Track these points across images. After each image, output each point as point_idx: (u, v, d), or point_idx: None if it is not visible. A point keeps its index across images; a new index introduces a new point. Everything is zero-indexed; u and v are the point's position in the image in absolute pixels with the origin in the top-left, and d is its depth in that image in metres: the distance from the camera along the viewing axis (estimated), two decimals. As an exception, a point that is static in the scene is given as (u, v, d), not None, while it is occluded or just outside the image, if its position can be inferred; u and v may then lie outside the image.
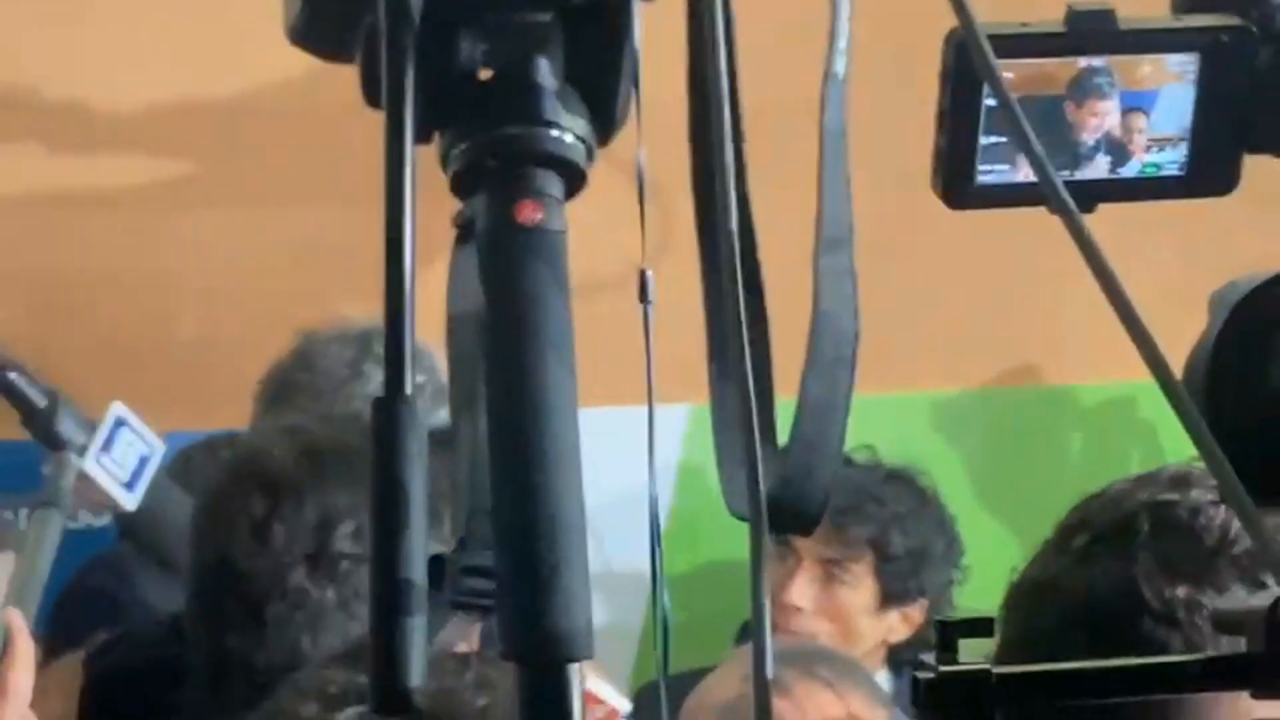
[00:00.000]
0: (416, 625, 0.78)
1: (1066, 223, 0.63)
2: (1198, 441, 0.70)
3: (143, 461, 1.84)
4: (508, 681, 0.81)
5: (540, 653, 0.80)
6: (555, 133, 0.85)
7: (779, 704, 1.91)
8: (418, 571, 0.78)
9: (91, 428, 1.77)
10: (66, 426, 1.78)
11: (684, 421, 3.24)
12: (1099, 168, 0.79)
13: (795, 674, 1.95)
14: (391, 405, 0.79)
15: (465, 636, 1.91)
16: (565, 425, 0.83)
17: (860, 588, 2.88)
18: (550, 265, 0.84)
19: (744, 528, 2.87)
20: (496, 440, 0.82)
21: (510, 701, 0.81)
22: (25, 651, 1.42)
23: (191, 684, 1.76)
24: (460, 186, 0.86)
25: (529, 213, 0.84)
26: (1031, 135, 0.60)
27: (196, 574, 1.82)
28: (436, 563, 0.87)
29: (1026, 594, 1.21)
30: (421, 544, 0.79)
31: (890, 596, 2.89)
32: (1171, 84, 0.79)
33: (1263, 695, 0.75)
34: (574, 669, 0.81)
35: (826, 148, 0.86)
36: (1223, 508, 1.14)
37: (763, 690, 0.66)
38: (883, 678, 2.83)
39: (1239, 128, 0.79)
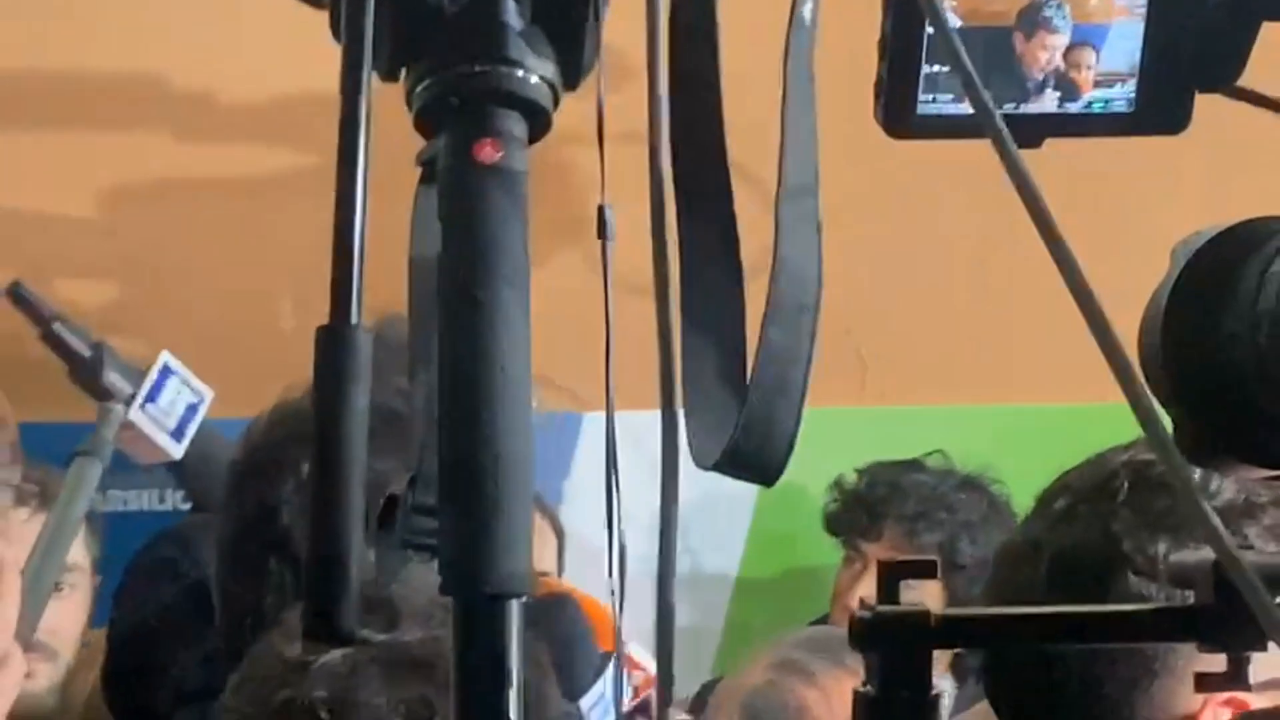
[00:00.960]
0: (353, 549, 0.78)
1: (1002, 157, 0.62)
2: (1132, 398, 0.69)
3: (191, 410, 1.82)
4: None
5: (477, 587, 0.79)
6: (520, 73, 0.85)
7: (807, 693, 1.89)
8: (356, 497, 0.78)
9: (140, 378, 1.77)
10: (112, 377, 1.78)
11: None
12: (1047, 102, 0.77)
13: (823, 663, 1.94)
14: (336, 330, 0.79)
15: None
16: (516, 362, 0.82)
17: (926, 594, 2.85)
18: (509, 204, 0.84)
19: (822, 536, 2.89)
20: (445, 374, 0.82)
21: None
22: (11, 585, 1.43)
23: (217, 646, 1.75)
24: (423, 124, 0.86)
25: (489, 151, 0.84)
26: (967, 63, 0.59)
27: (236, 529, 1.76)
28: (390, 502, 0.87)
29: (1009, 556, 1.20)
30: (361, 472, 0.79)
31: (956, 604, 2.86)
32: (1122, 19, 0.77)
33: (1209, 648, 0.74)
34: (513, 605, 0.80)
35: (791, 95, 0.85)
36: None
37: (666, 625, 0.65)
38: (947, 685, 2.80)
39: (1189, 65, 0.77)
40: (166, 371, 1.84)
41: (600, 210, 0.84)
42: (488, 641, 0.79)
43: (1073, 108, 0.78)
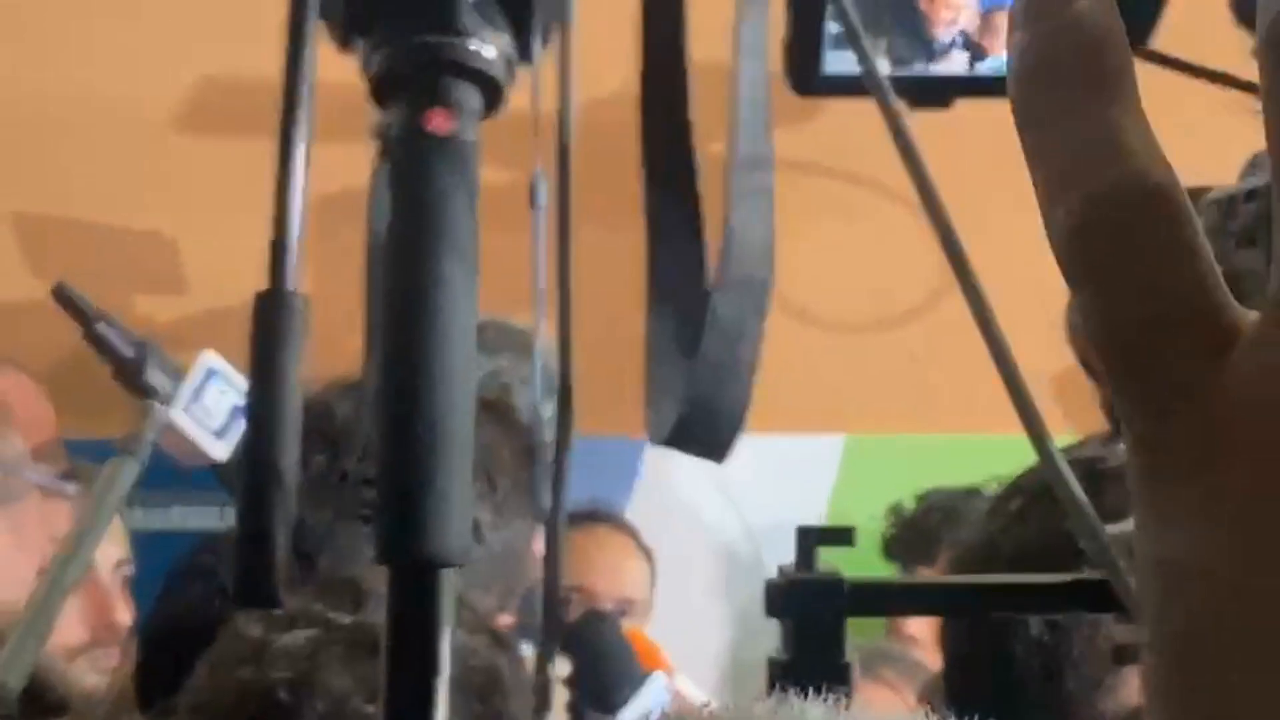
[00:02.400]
0: (281, 517, 0.77)
1: (886, 118, 0.61)
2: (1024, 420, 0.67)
3: (235, 412, 1.82)
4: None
5: (409, 554, 0.79)
6: (473, 44, 0.85)
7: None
8: (288, 464, 0.78)
9: (184, 378, 1.77)
10: (155, 376, 1.78)
11: (839, 451, 3.21)
12: (956, 63, 0.76)
13: (858, 674, 1.91)
14: (272, 297, 0.79)
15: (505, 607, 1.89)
16: (458, 332, 0.82)
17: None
18: (459, 174, 0.84)
19: (879, 561, 2.83)
20: (386, 343, 0.82)
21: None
22: None
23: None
24: (377, 94, 0.86)
25: (440, 121, 0.84)
26: (852, 15, 0.58)
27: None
28: (343, 477, 0.87)
29: (967, 558, 1.18)
30: (295, 438, 0.79)
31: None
32: (1036, -20, 0.74)
33: (1125, 619, 0.72)
34: (446, 575, 0.80)
35: (743, 65, 0.84)
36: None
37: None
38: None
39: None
40: (210, 373, 1.83)
41: (533, 179, 0.84)
42: (419, 610, 0.78)
43: (983, 69, 0.76)
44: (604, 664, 2.07)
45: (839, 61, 0.76)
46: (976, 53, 0.77)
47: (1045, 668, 1.08)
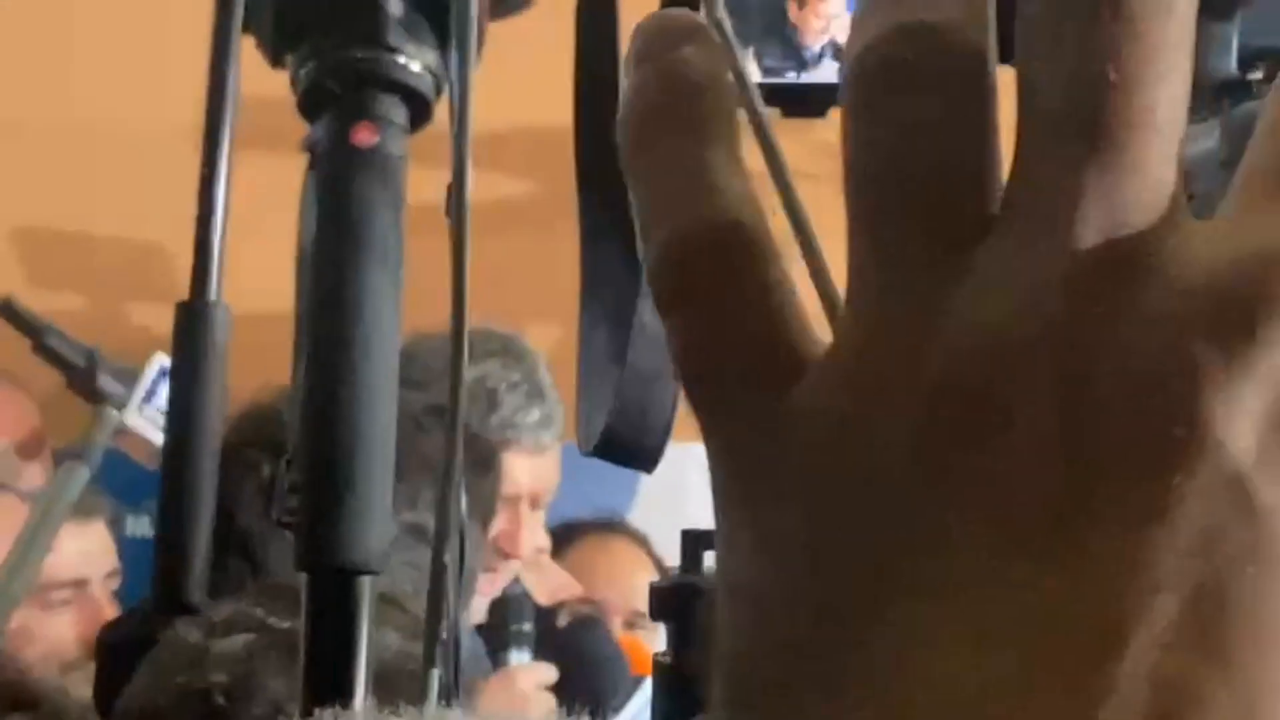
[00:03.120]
0: (198, 525, 0.79)
1: (753, 126, 0.61)
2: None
3: None
4: None
5: (328, 560, 0.80)
6: (400, 59, 0.86)
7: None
8: (207, 474, 0.79)
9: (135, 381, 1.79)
10: (106, 382, 1.80)
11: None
12: (827, 72, 0.75)
13: None
14: (193, 308, 0.80)
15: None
16: (382, 341, 0.83)
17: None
18: (385, 187, 0.85)
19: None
20: (310, 350, 0.83)
21: None
22: None
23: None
24: (306, 109, 0.87)
25: (365, 135, 0.85)
26: (722, 20, 0.58)
27: None
28: (271, 483, 0.88)
29: None
30: (213, 449, 0.80)
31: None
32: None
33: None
34: (365, 582, 0.81)
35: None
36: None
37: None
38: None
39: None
40: (163, 373, 1.84)
41: (449, 190, 0.85)
42: (336, 615, 0.80)
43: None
44: (594, 670, 2.08)
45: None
46: (849, 61, 0.77)
47: None
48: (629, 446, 0.88)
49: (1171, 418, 0.24)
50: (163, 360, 1.81)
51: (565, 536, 2.24)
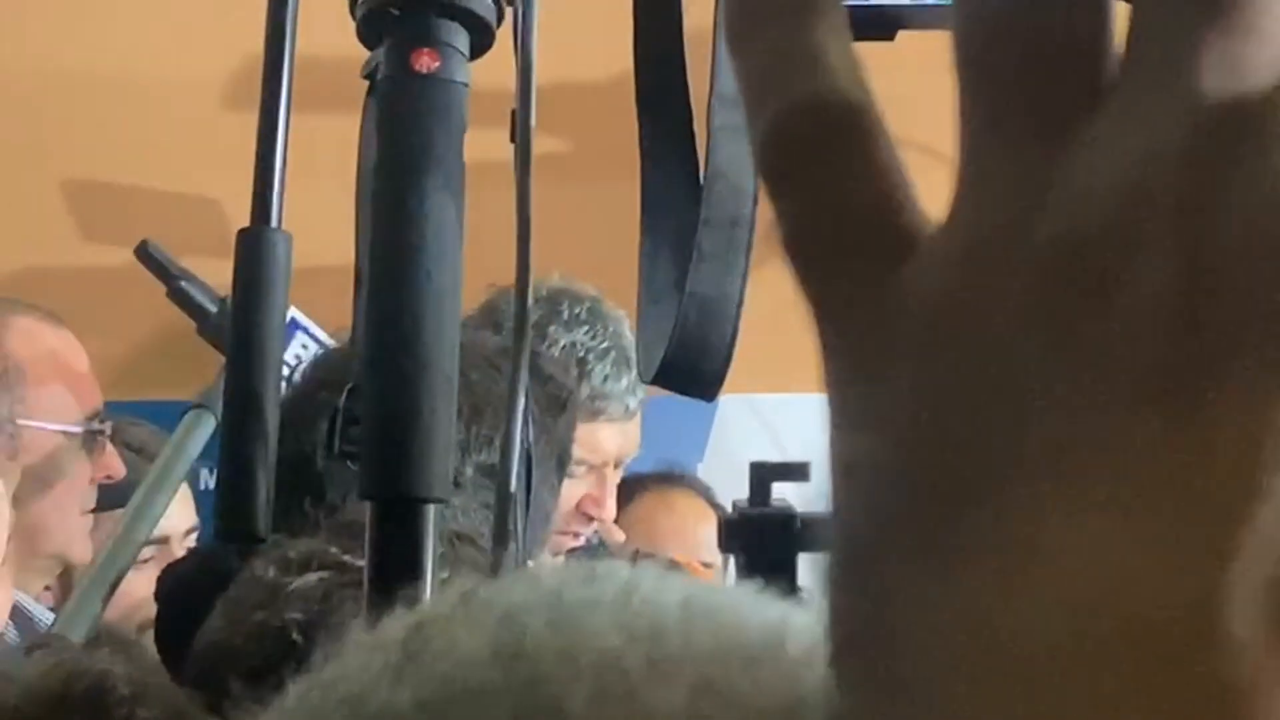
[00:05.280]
0: (263, 453, 0.78)
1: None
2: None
3: None
4: None
5: (393, 489, 0.79)
6: (461, -16, 0.85)
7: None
8: (271, 401, 0.79)
9: None
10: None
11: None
12: None
13: None
14: (255, 233, 0.80)
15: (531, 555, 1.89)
16: (443, 270, 0.82)
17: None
18: (445, 113, 0.84)
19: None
20: (372, 279, 0.82)
21: None
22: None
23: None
24: (366, 34, 0.86)
25: (426, 61, 0.84)
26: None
27: (275, 475, 1.72)
28: (334, 415, 0.88)
29: None
30: (277, 375, 0.79)
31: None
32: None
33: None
34: (429, 510, 0.80)
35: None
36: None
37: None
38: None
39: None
40: (294, 325, 1.83)
41: (513, 114, 0.84)
42: (401, 544, 0.79)
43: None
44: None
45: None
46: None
47: None
48: (689, 375, 0.87)
49: None
50: (294, 312, 1.79)
51: (626, 491, 2.23)
